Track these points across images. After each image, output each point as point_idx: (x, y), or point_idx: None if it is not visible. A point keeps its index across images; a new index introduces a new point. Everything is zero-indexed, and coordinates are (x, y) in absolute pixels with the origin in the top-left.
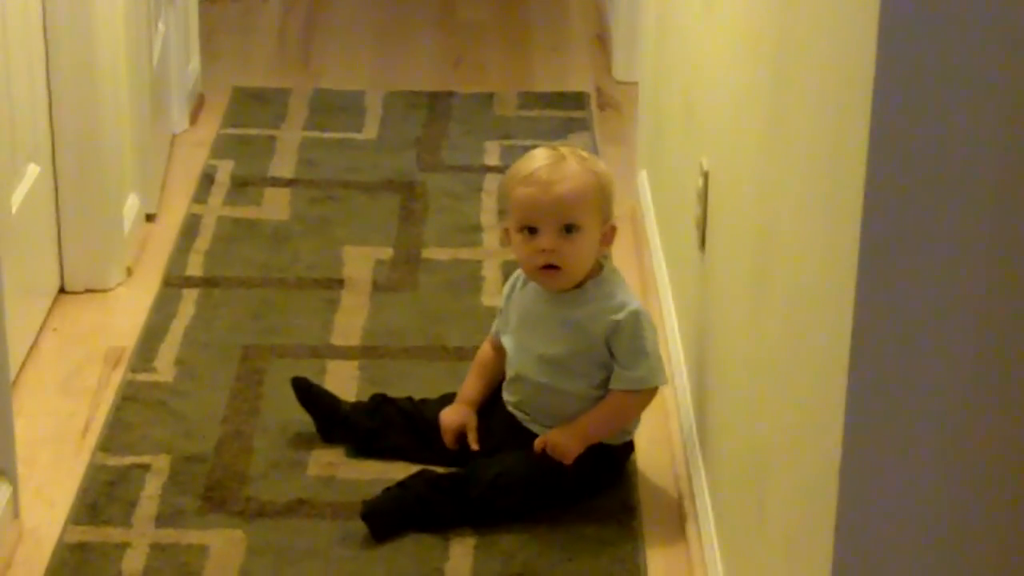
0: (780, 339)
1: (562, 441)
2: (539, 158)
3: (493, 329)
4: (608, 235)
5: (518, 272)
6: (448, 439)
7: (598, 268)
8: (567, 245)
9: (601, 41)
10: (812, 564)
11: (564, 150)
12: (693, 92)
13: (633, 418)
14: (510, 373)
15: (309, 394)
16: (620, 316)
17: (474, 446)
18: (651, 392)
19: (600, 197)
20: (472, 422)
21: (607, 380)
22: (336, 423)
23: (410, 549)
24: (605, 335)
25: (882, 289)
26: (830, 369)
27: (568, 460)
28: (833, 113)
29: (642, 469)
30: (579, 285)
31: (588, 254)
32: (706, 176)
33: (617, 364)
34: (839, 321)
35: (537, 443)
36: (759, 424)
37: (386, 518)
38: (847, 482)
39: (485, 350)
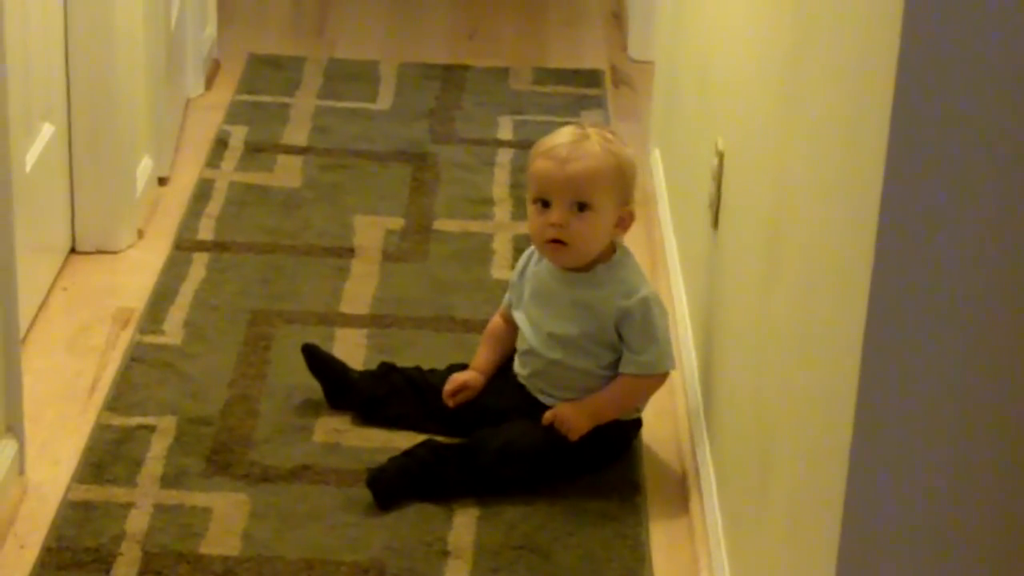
0: (792, 320)
1: (571, 417)
2: (563, 134)
3: (505, 301)
4: (625, 220)
5: (531, 248)
6: (448, 389)
7: (611, 251)
8: (577, 222)
9: (617, 18)
10: (817, 540)
11: (592, 130)
12: (709, 71)
13: (643, 401)
14: (521, 347)
15: (318, 360)
16: (630, 302)
17: (449, 403)
18: (661, 377)
19: (618, 180)
20: (476, 384)
21: (617, 361)
22: (344, 390)
23: (413, 518)
24: (615, 320)
25: (898, 272)
26: (842, 350)
27: (574, 437)
28: (852, 94)
29: (647, 444)
30: (590, 267)
31: (598, 235)
32: (721, 156)
33: (627, 348)
34: (853, 303)
35: (547, 415)
36: (767, 402)
37: (390, 486)
38: (856, 462)
39: (496, 322)
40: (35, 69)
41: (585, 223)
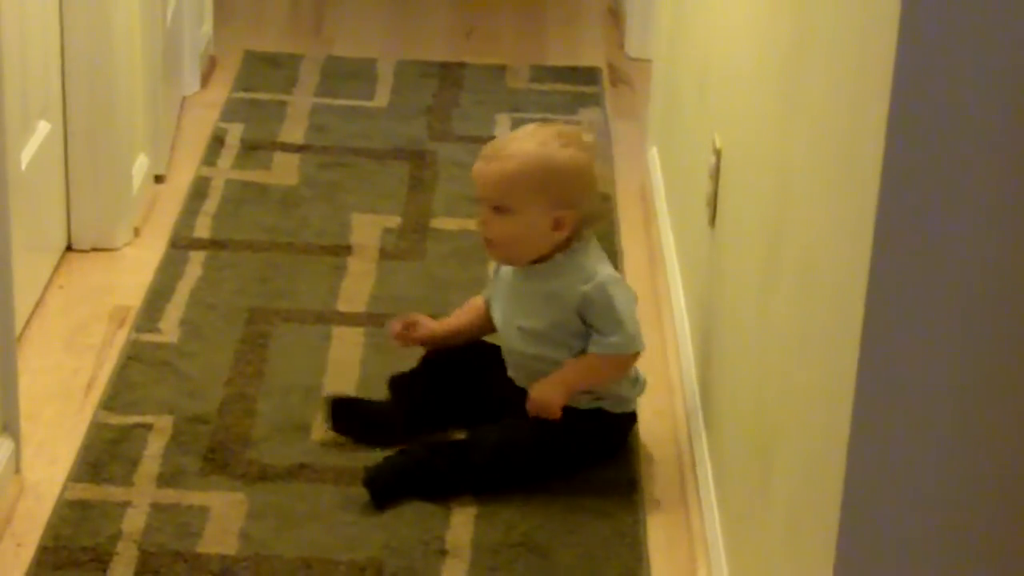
0: (790, 317)
1: (545, 395)
2: (506, 135)
3: (485, 292)
4: (560, 222)
5: None
6: (396, 324)
7: (566, 243)
8: (499, 223)
9: (614, 16)
10: (815, 539)
11: (547, 130)
12: (707, 69)
13: (613, 379)
14: (501, 344)
15: (347, 419)
16: (588, 287)
17: (395, 327)
18: (630, 357)
19: (543, 183)
20: (430, 328)
21: (587, 348)
22: (379, 432)
23: (411, 517)
24: (576, 306)
25: (895, 268)
26: (840, 346)
27: (555, 413)
28: (851, 92)
29: (644, 442)
30: (548, 258)
31: (524, 237)
32: (718, 153)
33: (594, 331)
34: (851, 299)
35: (529, 407)
36: (765, 400)
37: (388, 485)
38: (854, 459)
39: (476, 300)
40: (31, 66)
41: (506, 224)
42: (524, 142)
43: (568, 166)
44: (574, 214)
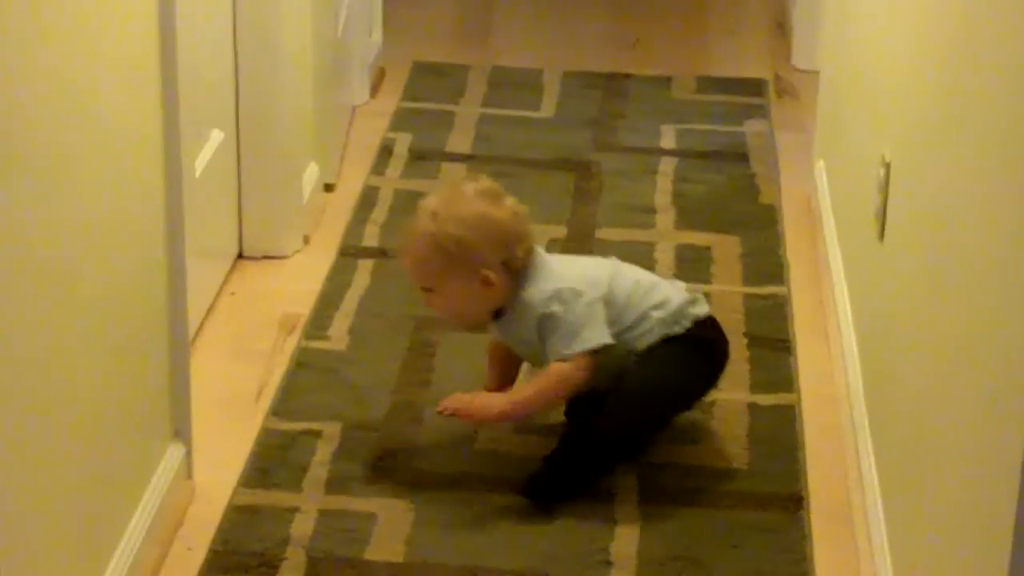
0: (960, 333)
1: (490, 402)
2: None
3: (491, 336)
4: (486, 279)
5: None
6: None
7: (511, 287)
8: (433, 300)
9: (781, 28)
10: (986, 558)
11: (438, 199)
12: (876, 81)
13: (563, 388)
14: None
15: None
16: (534, 320)
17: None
18: (573, 360)
19: (444, 258)
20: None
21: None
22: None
23: (575, 527)
24: (538, 335)
25: None
26: (1012, 363)
27: (485, 416)
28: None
29: (810, 457)
30: (505, 308)
31: (459, 306)
32: (888, 167)
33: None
34: (1021, 321)
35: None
36: (934, 416)
37: (543, 489)
38: None
39: (494, 350)
40: (205, 76)
41: (439, 300)
42: (418, 223)
43: (460, 233)
44: (493, 268)
